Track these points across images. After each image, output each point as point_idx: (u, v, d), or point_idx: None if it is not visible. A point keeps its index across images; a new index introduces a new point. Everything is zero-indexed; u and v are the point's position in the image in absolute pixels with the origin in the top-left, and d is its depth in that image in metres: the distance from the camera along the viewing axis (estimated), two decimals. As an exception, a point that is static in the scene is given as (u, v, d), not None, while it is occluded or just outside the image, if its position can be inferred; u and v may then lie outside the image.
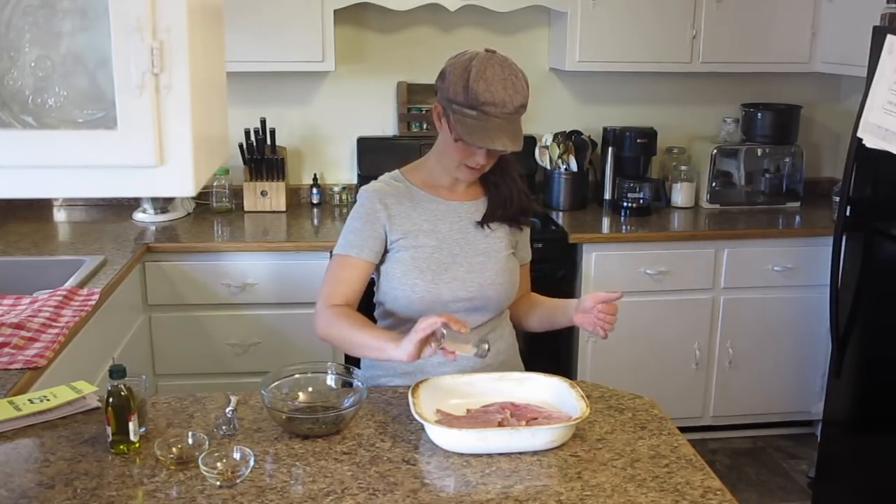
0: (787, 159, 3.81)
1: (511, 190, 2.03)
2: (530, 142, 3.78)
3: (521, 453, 1.61)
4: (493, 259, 1.99)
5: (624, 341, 3.46)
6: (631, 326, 3.45)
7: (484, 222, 2.01)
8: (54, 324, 2.22)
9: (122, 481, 1.51)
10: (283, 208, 3.63)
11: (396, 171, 2.07)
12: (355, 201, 2.04)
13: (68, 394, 1.78)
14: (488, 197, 2.04)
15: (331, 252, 2.04)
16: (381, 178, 2.06)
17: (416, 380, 1.78)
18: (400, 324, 1.98)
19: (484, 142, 1.81)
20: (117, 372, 1.60)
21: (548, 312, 2.11)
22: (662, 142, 3.88)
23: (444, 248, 1.97)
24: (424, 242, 1.96)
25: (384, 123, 3.85)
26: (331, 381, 1.83)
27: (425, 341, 1.71)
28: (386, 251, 1.99)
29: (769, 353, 3.59)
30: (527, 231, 2.13)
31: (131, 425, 1.60)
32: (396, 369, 2.00)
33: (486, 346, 1.80)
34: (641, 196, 3.65)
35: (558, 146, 3.71)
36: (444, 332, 1.70)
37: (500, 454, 1.61)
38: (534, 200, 2.19)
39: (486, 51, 1.87)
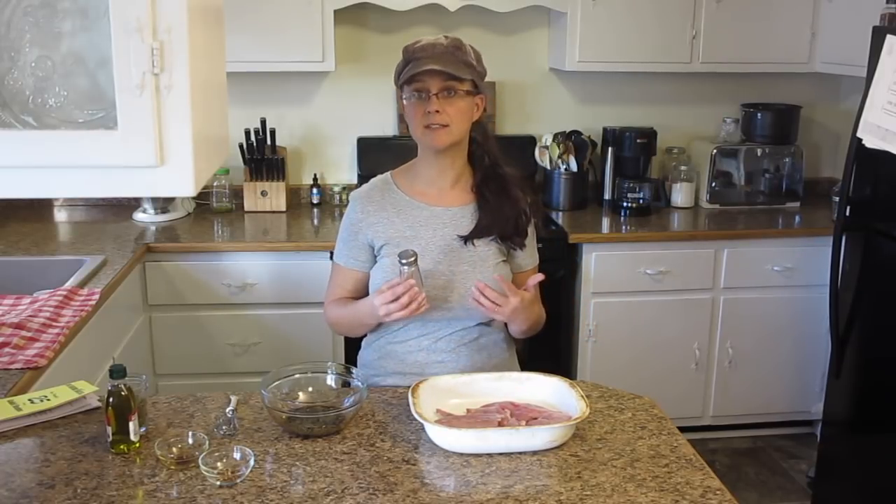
0: (787, 159, 3.81)
1: (504, 208, 1.96)
2: (530, 142, 3.79)
3: (521, 453, 1.61)
4: (478, 268, 1.94)
5: (624, 341, 3.46)
6: (631, 326, 3.46)
7: (469, 238, 1.95)
8: (54, 324, 2.22)
9: (123, 481, 1.52)
10: (284, 208, 3.64)
11: (388, 173, 2.06)
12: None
13: (68, 394, 1.78)
14: (479, 210, 1.98)
15: (331, 252, 2.07)
16: (373, 179, 2.07)
17: (414, 380, 1.78)
18: (384, 325, 1.98)
19: (412, 70, 1.86)
20: (117, 372, 1.61)
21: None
22: (662, 142, 3.88)
23: (427, 257, 1.92)
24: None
25: (384, 123, 3.85)
26: (331, 381, 1.83)
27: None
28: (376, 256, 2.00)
29: (769, 353, 3.59)
30: (532, 236, 2.05)
31: (131, 425, 1.60)
32: (393, 369, 2.00)
33: (410, 251, 1.82)
34: (641, 196, 3.66)
35: (558, 146, 3.71)
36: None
37: (500, 454, 1.61)
38: (537, 219, 2.07)
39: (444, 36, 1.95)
